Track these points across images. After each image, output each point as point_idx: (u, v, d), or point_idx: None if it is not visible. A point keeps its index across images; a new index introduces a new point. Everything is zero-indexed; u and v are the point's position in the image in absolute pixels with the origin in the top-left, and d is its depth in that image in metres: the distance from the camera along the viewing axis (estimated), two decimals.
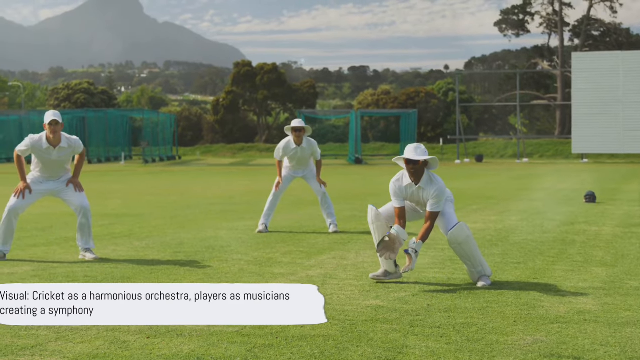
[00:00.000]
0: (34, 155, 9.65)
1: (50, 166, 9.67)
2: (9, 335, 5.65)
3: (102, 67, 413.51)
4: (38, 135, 9.63)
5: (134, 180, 32.91)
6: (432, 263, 9.14)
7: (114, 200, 19.87)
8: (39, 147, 9.55)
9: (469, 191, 23.38)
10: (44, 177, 9.77)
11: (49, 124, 9.51)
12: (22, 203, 9.63)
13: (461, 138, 61.38)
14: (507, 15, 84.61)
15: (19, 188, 9.64)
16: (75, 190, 9.78)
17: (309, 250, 10.29)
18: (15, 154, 9.81)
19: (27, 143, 9.62)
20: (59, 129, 9.55)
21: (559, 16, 79.09)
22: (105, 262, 9.42)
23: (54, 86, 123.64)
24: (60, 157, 9.65)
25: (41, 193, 9.77)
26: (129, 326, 5.91)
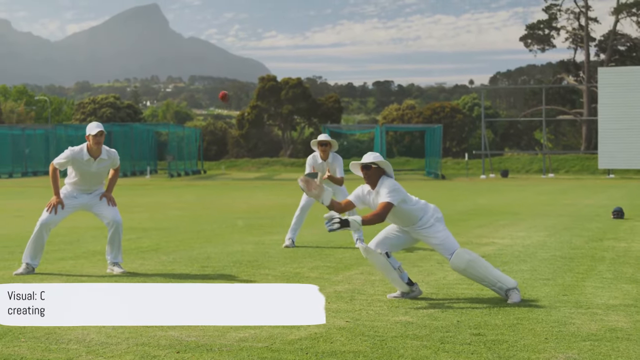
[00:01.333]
0: (73, 167, 9.62)
1: (88, 178, 9.67)
2: (40, 349, 5.66)
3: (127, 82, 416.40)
4: (78, 147, 9.62)
5: (159, 194, 33.01)
6: (459, 279, 9.08)
7: (140, 214, 19.93)
8: (79, 159, 9.54)
9: (495, 207, 23.28)
10: (79, 189, 9.76)
11: (95, 135, 9.52)
12: (54, 218, 9.65)
13: (486, 153, 61.16)
14: (533, 30, 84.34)
15: (51, 203, 9.64)
16: (108, 204, 9.80)
17: (337, 266, 10.27)
18: (52, 167, 9.74)
19: (67, 155, 9.56)
20: (103, 140, 9.58)
21: (584, 31, 78.78)
22: (133, 276, 9.43)
23: (80, 100, 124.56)
24: (99, 169, 9.67)
25: (74, 207, 9.78)
26: (158, 340, 5.91)
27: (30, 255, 9.66)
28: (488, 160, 63.02)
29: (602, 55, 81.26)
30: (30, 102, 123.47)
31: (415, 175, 61.37)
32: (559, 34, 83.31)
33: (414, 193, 8.24)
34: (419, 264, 10.32)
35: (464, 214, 20.24)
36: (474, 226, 16.31)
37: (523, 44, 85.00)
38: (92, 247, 12.44)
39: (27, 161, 67.30)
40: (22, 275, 9.45)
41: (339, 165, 12.75)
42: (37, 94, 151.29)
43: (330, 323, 6.58)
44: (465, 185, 42.87)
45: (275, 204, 25.49)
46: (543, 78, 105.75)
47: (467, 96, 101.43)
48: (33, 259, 9.66)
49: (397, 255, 10.63)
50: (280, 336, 6.06)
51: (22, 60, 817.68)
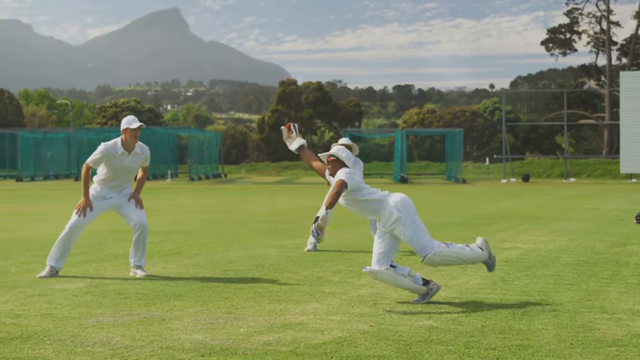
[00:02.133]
0: (106, 163, 9.59)
1: (121, 174, 9.67)
2: (65, 352, 5.68)
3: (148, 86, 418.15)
4: (112, 142, 9.63)
5: (180, 198, 33.09)
6: (483, 284, 9.05)
7: (161, 218, 19.98)
8: (113, 153, 9.54)
9: (517, 211, 23.20)
10: (108, 187, 9.74)
11: (135, 129, 9.56)
12: (83, 221, 9.66)
13: (507, 157, 60.93)
14: (554, 34, 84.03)
15: (81, 205, 9.67)
16: (136, 206, 9.82)
17: (359, 270, 10.25)
18: (86, 167, 9.67)
19: (102, 149, 9.54)
20: (139, 134, 9.61)
21: (606, 35, 78.41)
22: (156, 279, 9.45)
23: (101, 104, 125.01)
24: (132, 164, 9.68)
25: (102, 209, 9.78)
26: (182, 344, 5.92)
27: (55, 258, 9.69)
28: (509, 165, 62.80)
29: (624, 59, 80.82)
30: (52, 105, 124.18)
31: (436, 179, 61.25)
32: (581, 38, 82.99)
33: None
34: (441, 269, 10.27)
35: (486, 218, 20.17)
36: (496, 230, 16.25)
37: (544, 48, 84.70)
38: (115, 250, 12.49)
39: (49, 164, 67.62)
40: (46, 278, 9.49)
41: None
42: (58, 98, 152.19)
43: (354, 327, 6.57)
44: (486, 190, 42.73)
45: (296, 207, 25.49)
46: (564, 82, 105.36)
47: (487, 100, 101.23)
48: (58, 262, 9.69)
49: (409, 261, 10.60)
50: (304, 340, 6.06)
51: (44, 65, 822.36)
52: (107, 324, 6.69)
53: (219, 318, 6.96)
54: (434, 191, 41.00)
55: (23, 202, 30.11)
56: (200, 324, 6.70)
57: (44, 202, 29.38)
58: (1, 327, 6.55)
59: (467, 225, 17.57)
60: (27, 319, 6.91)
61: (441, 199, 31.81)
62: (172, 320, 6.88)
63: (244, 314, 7.15)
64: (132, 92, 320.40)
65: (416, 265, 10.19)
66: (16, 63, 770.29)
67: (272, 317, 7.02)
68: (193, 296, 8.18)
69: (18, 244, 13.54)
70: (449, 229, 16.54)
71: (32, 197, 34.50)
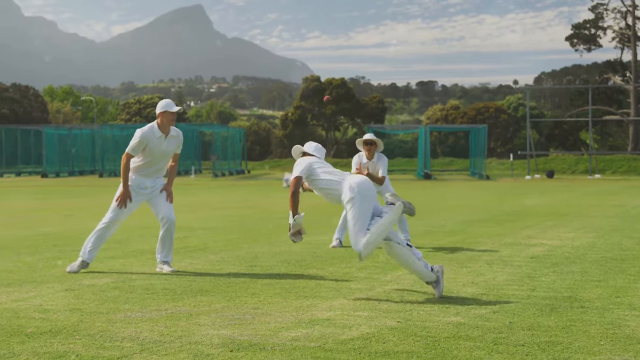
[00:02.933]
0: (145, 148, 9.59)
1: (159, 158, 9.68)
2: (94, 347, 5.70)
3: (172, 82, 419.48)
4: (147, 126, 9.64)
5: (204, 194, 33.18)
6: (510, 280, 9.01)
7: (186, 214, 20.03)
8: (151, 137, 9.56)
9: (542, 207, 23.10)
10: (146, 174, 9.74)
11: (173, 112, 9.67)
12: (121, 215, 9.70)
13: (531, 153, 60.68)
14: (579, 29, 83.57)
15: (121, 196, 9.68)
16: (167, 199, 9.85)
17: (384, 266, 10.23)
18: (125, 157, 9.64)
19: (140, 135, 9.54)
20: (176, 118, 9.70)
21: (631, 30, 77.85)
22: (183, 275, 9.48)
23: (125, 101, 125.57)
24: (169, 147, 9.72)
25: (139, 202, 9.79)
26: (211, 339, 5.93)
27: (88, 251, 9.73)
28: (533, 161, 62.54)
29: None
30: (77, 102, 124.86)
31: (460, 176, 61.07)
32: (606, 34, 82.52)
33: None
34: (468, 265, 10.26)
35: (511, 214, 20.10)
36: (522, 227, 16.18)
37: (569, 43, 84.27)
38: (141, 246, 12.54)
39: (74, 161, 67.99)
40: (74, 274, 9.53)
41: (382, 165, 12.70)
42: (83, 95, 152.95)
43: (381, 323, 6.56)
44: (511, 186, 42.57)
45: (320, 204, 25.42)
46: (589, 78, 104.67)
47: (511, 96, 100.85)
48: (90, 254, 9.74)
49: (434, 258, 10.57)
50: (333, 336, 6.06)
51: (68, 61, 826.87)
52: (135, 319, 6.71)
53: (247, 314, 6.98)
54: (458, 188, 40.89)
55: (48, 198, 30.29)
56: (228, 319, 6.72)
57: (69, 198, 29.54)
58: (30, 322, 6.59)
59: (493, 222, 17.51)
60: (56, 314, 6.94)
61: (466, 195, 31.71)
62: (200, 315, 6.89)
63: (271, 310, 7.15)
64: (156, 88, 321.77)
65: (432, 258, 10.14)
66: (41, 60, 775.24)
67: (299, 313, 7.02)
68: (220, 292, 8.20)
69: (44, 240, 13.62)
70: (475, 226, 16.49)
71: (58, 193, 34.71)
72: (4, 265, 10.34)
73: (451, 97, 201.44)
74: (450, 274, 9.48)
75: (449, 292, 8.11)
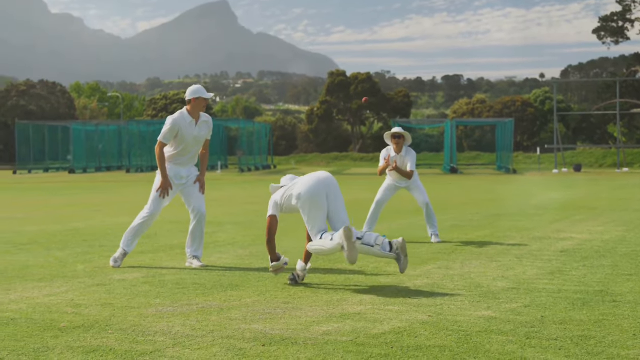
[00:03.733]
0: (177, 135, 9.61)
1: (192, 145, 9.71)
2: (127, 341, 5.73)
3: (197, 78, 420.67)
4: (177, 113, 9.66)
5: (231, 189, 33.26)
6: (540, 274, 8.97)
7: (214, 209, 20.07)
8: (183, 123, 9.58)
9: (570, 201, 22.97)
10: (180, 162, 9.77)
11: (205, 98, 9.71)
12: (160, 206, 9.73)
13: (559, 147, 60.33)
14: (606, 22, 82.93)
15: (162, 186, 9.68)
16: (200, 190, 9.88)
17: (413, 260, 10.21)
18: (159, 146, 9.65)
19: (171, 122, 9.57)
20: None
21: None
22: (212, 270, 9.51)
23: (151, 97, 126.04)
24: (201, 132, 9.74)
25: (174, 192, 9.82)
26: (243, 333, 5.94)
27: (129, 241, 9.79)
28: (560, 155, 62.19)
29: None
30: (103, 98, 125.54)
31: (486, 170, 60.84)
32: (633, 26, 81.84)
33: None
34: (497, 259, 10.22)
35: (539, 208, 20.00)
36: (551, 221, 16.10)
37: (596, 36, 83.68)
38: (169, 241, 12.59)
39: (101, 156, 68.37)
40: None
41: (410, 159, 12.65)
42: (109, 91, 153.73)
43: (412, 317, 6.55)
44: (538, 180, 42.36)
45: (347, 198, 25.40)
46: (616, 71, 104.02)
47: (538, 90, 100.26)
48: (129, 246, 9.80)
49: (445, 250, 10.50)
50: (364, 330, 6.05)
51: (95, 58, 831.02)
52: (166, 314, 6.74)
53: (277, 308, 6.99)
54: (485, 182, 40.73)
55: (76, 193, 30.47)
56: (259, 313, 6.73)
57: (97, 194, 29.71)
58: (63, 317, 6.63)
59: (521, 216, 17.43)
60: (88, 309, 6.99)
61: (493, 189, 31.59)
62: (231, 310, 6.91)
63: (302, 304, 7.16)
64: (182, 84, 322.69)
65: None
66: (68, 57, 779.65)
67: (330, 307, 7.02)
68: (250, 286, 8.22)
69: (74, 235, 13.70)
70: (504, 220, 16.42)
71: (85, 189, 34.90)
72: (35, 260, 10.42)
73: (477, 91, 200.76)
74: (480, 268, 9.46)
75: (479, 286, 8.08)
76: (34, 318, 6.60)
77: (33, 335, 5.95)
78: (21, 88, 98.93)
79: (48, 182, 43.20)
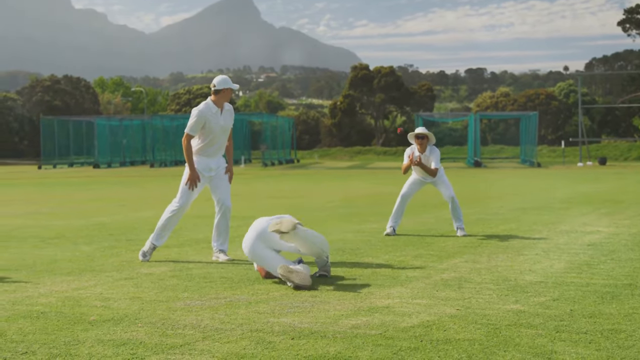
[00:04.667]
0: (204, 126, 9.61)
1: (219, 135, 9.71)
2: (157, 334, 5.75)
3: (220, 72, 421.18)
4: (202, 104, 9.65)
5: (255, 183, 33.31)
6: (567, 267, 8.93)
7: (238, 203, 20.09)
8: (209, 113, 9.58)
9: (596, 194, 22.85)
10: (209, 153, 9.76)
11: (233, 89, 9.75)
12: (192, 197, 9.75)
13: (583, 140, 60.00)
14: (631, 14, 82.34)
15: (190, 178, 9.65)
16: (229, 181, 9.91)
17: (440, 254, 10.20)
18: (186, 138, 9.63)
19: (197, 114, 9.56)
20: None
21: None
22: (239, 263, 9.53)
23: (174, 91, 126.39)
24: (226, 122, 9.75)
25: (203, 184, 9.83)
26: (272, 327, 5.95)
27: (159, 236, 9.82)
28: (585, 148, 61.85)
29: None
30: (127, 93, 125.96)
31: (510, 163, 60.61)
32: None
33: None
34: (524, 253, 10.18)
35: (565, 202, 19.91)
36: (577, 214, 16.02)
37: (621, 28, 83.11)
38: (195, 235, 12.63)
39: (126, 151, 68.65)
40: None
41: (435, 157, 12.67)
42: (132, 86, 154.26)
43: (440, 311, 6.53)
44: (563, 173, 42.15)
45: (371, 192, 25.48)
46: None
47: (562, 83, 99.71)
48: (159, 240, 9.83)
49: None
50: (393, 324, 6.04)
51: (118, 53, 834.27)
52: (195, 307, 6.76)
53: (305, 302, 6.99)
54: (509, 175, 40.59)
55: (101, 188, 30.62)
56: (287, 307, 6.74)
57: (121, 189, 29.85)
58: (93, 310, 6.67)
59: (547, 209, 17.36)
60: (117, 302, 7.02)
61: (518, 183, 31.48)
62: (259, 303, 6.92)
63: (330, 298, 7.16)
64: (205, 78, 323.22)
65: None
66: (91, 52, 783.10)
67: (357, 300, 7.02)
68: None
69: (100, 230, 13.77)
70: (529, 214, 16.36)
71: (110, 183, 35.07)
72: (63, 254, 10.48)
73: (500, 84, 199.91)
74: (506, 261, 9.43)
75: (507, 280, 8.06)
76: (63, 311, 6.64)
77: (63, 329, 5.99)
78: (46, 83, 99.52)
79: (73, 177, 43.44)
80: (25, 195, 26.13)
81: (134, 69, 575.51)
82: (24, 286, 7.94)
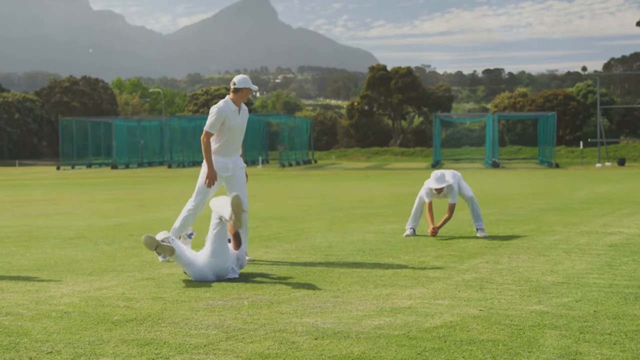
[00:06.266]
0: (223, 124, 9.58)
1: (237, 133, 9.69)
2: (181, 334, 5.77)
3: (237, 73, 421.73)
4: (222, 102, 9.61)
5: (273, 184, 33.34)
6: (589, 268, 8.89)
7: (256, 204, 20.14)
8: (228, 111, 9.54)
9: (615, 195, 22.76)
10: (228, 152, 9.72)
11: (253, 90, 9.76)
12: (209, 195, 9.75)
13: (602, 141, 59.73)
14: None
15: (208, 176, 9.61)
16: (245, 179, 9.91)
17: (460, 254, 10.18)
18: (205, 136, 9.60)
19: (217, 112, 9.52)
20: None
21: None
22: (259, 264, 9.54)
23: (192, 92, 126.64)
24: (243, 120, 9.76)
25: (219, 183, 9.81)
26: (295, 327, 5.96)
27: (179, 230, 9.85)
28: (604, 148, 61.58)
29: None
30: (145, 94, 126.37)
31: (528, 164, 60.42)
32: None
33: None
34: (545, 253, 10.15)
35: (585, 202, 19.83)
36: (597, 215, 15.96)
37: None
38: None
39: (144, 152, 68.87)
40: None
41: (452, 194, 12.47)
42: (150, 87, 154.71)
43: (463, 311, 6.52)
44: (582, 174, 42.01)
45: (389, 193, 25.45)
46: None
47: (580, 83, 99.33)
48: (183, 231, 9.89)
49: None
50: (416, 324, 6.04)
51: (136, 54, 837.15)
52: (217, 307, 6.77)
53: (327, 302, 6.99)
54: (527, 176, 40.47)
55: (120, 189, 30.73)
56: (309, 307, 6.74)
57: (139, 189, 29.94)
58: (115, 310, 6.69)
59: (567, 210, 17.30)
60: (139, 302, 7.04)
61: (537, 183, 31.37)
62: (281, 304, 6.93)
63: (352, 298, 7.16)
64: (222, 79, 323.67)
65: None
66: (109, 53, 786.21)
67: (379, 301, 7.02)
68: (298, 279, 8.23)
69: (120, 230, 13.81)
70: (549, 214, 16.31)
71: (128, 184, 35.20)
72: (84, 254, 10.52)
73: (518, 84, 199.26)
74: (528, 262, 9.40)
75: (529, 281, 8.03)
76: (86, 311, 6.66)
77: (87, 329, 6.01)
78: (64, 84, 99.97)
79: (91, 178, 43.62)
80: (44, 195, 26.25)
81: (151, 70, 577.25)
82: (46, 286, 7.98)
